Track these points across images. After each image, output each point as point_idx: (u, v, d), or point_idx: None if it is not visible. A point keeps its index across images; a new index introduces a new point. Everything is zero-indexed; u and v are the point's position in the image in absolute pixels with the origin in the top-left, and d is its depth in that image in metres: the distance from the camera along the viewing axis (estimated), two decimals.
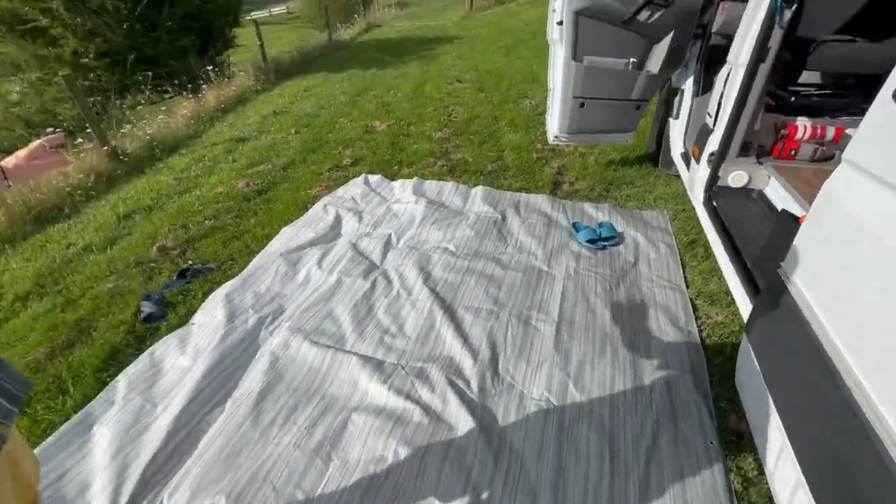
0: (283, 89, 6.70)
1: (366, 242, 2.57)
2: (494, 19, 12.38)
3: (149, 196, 3.37)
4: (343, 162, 3.71)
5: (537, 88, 5.30)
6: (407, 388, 1.64)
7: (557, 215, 2.75)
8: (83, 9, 6.26)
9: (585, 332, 1.88)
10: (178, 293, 2.23)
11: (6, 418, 0.67)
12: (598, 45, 2.57)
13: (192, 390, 1.67)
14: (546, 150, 3.68)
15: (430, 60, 7.94)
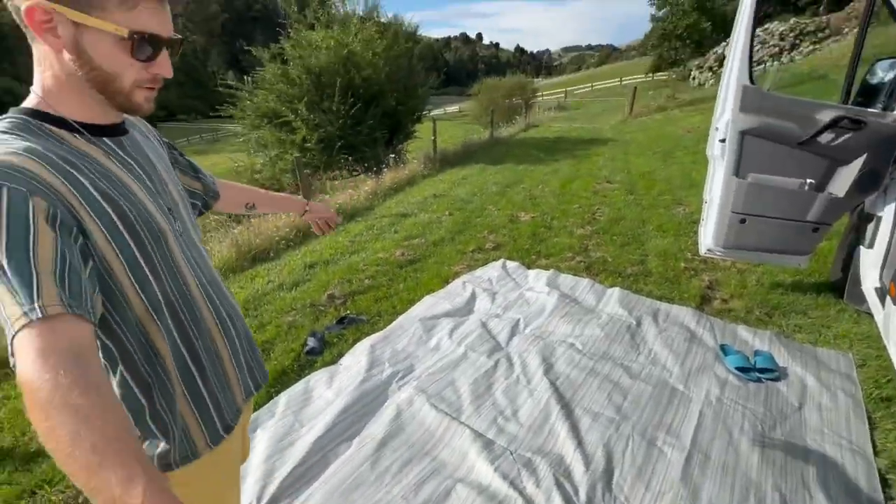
0: (444, 176, 7.72)
1: (495, 323, 2.73)
2: (653, 125, 12.44)
3: (328, 252, 4.16)
4: (486, 245, 4.06)
5: (693, 196, 5.09)
6: (513, 475, 1.65)
7: (703, 333, 2.53)
8: (317, 109, 8.41)
9: (723, 471, 1.65)
10: (335, 335, 2.67)
11: (247, 398, 0.95)
12: (767, 164, 2.48)
13: (330, 422, 1.96)
14: (696, 260, 3.46)
15: (582, 160, 8.30)
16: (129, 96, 0.69)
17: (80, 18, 0.60)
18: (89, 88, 0.67)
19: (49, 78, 0.66)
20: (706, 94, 16.04)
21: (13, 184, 0.56)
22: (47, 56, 0.65)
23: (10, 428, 2.02)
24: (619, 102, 23.01)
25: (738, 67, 2.40)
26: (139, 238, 0.70)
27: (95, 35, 0.62)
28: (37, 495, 1.66)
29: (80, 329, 0.56)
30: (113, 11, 0.61)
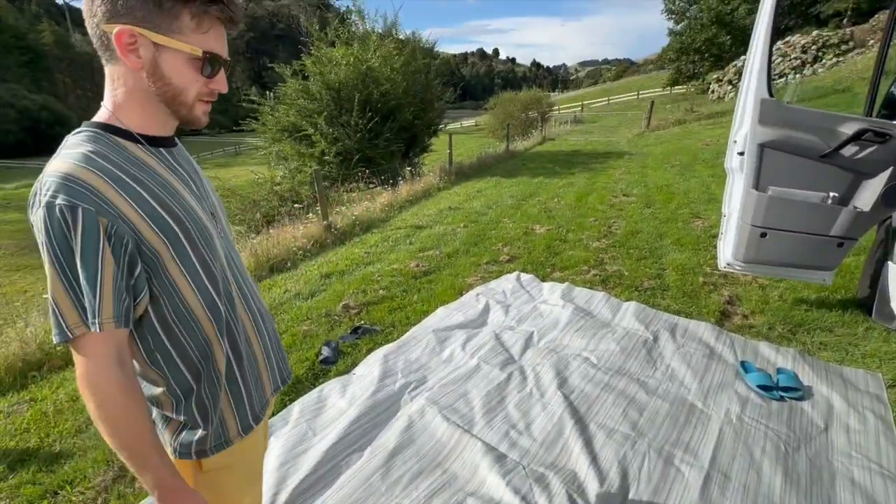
0: (460, 188, 7.77)
1: (508, 335, 2.71)
2: (671, 138, 12.33)
3: (344, 262, 4.21)
4: (500, 258, 4.06)
5: (712, 210, 5.01)
6: (524, 491, 1.62)
7: (722, 349, 2.47)
8: (336, 123, 8.60)
9: (744, 493, 1.59)
10: (349, 345, 2.69)
11: (275, 392, 0.99)
12: (786, 177, 2.43)
13: (343, 431, 1.96)
14: (716, 275, 3.39)
15: (598, 173, 8.26)
16: (191, 109, 0.77)
17: (162, 41, 0.70)
18: (157, 102, 0.75)
19: (121, 94, 0.74)
20: (726, 108, 15.85)
21: (86, 203, 0.65)
22: (123, 74, 0.73)
23: (35, 430, 2.08)
24: (636, 116, 22.91)
25: (756, 80, 2.38)
26: (193, 241, 0.78)
27: (172, 55, 0.71)
28: (59, 495, 1.70)
29: (122, 337, 0.71)
30: (189, 35, 0.71)
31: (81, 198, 0.65)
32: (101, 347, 0.68)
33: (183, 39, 0.71)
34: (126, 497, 1.68)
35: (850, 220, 2.35)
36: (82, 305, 0.66)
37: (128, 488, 1.72)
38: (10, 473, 1.82)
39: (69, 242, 0.65)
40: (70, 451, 1.93)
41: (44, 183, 0.66)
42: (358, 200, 6.90)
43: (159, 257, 0.73)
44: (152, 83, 0.72)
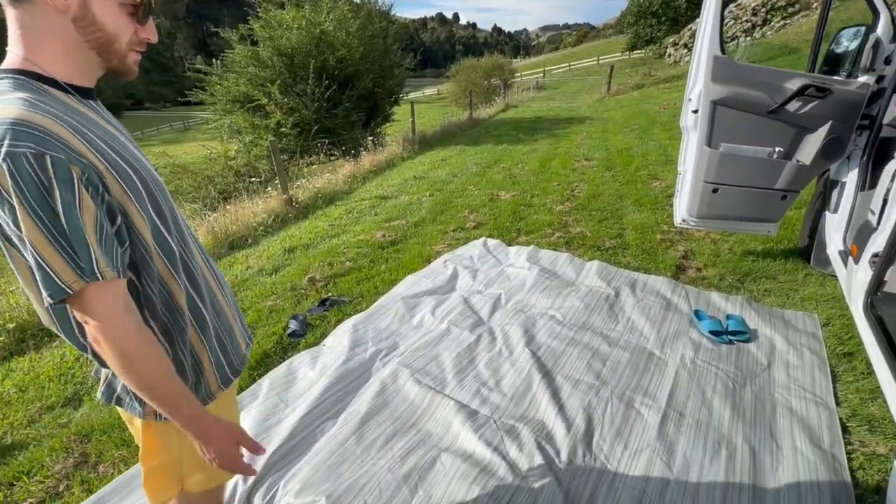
0: (424, 158, 7.64)
1: (477, 299, 2.75)
2: (630, 102, 12.53)
3: (308, 236, 4.10)
4: (467, 224, 4.07)
5: (669, 171, 5.18)
6: (496, 442, 1.69)
7: (678, 300, 2.61)
8: (292, 92, 8.18)
9: (697, 428, 1.72)
10: (318, 318, 2.66)
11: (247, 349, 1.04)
12: (737, 133, 2.53)
13: (315, 400, 1.96)
14: (672, 232, 3.54)
15: (561, 139, 8.32)
16: (123, 58, 0.74)
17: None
18: (87, 50, 0.71)
19: (39, 40, 0.67)
20: (681, 71, 16.19)
21: (53, 151, 0.61)
22: (44, 17, 0.66)
23: None
24: (596, 81, 23.05)
25: (709, 38, 2.42)
26: (152, 194, 0.76)
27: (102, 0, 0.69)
28: (14, 486, 1.62)
29: (122, 286, 0.70)
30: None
31: (47, 145, 0.60)
32: (108, 298, 0.67)
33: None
34: (90, 482, 1.63)
35: (794, 173, 2.48)
36: (75, 260, 0.63)
37: (91, 473, 1.67)
38: None
39: (45, 196, 0.60)
40: (23, 441, 1.84)
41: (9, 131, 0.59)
42: (319, 173, 6.67)
43: (123, 209, 0.71)
44: (82, 28, 0.68)
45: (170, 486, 0.91)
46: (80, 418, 1.95)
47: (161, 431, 0.85)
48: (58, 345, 2.59)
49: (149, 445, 0.87)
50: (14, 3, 0.66)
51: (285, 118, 8.17)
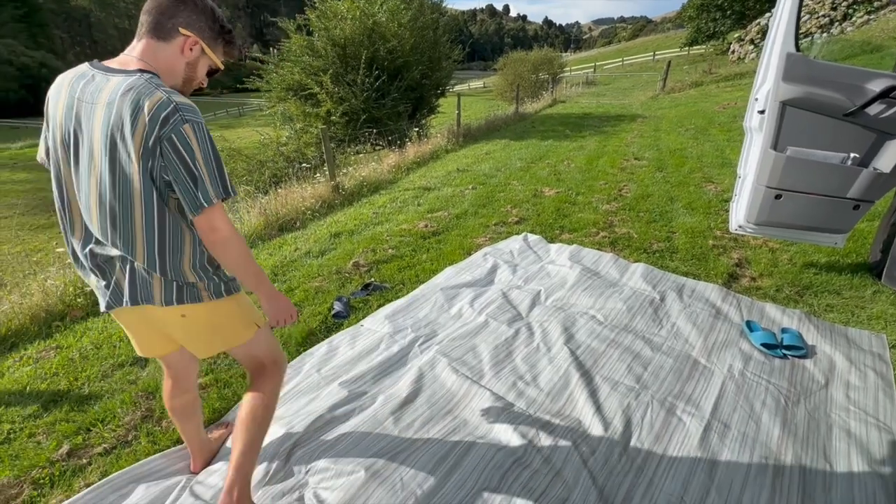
0: (468, 151, 7.64)
1: (516, 294, 2.75)
2: (686, 100, 11.93)
3: (353, 222, 4.23)
4: (509, 219, 4.05)
5: (726, 174, 4.92)
6: (531, 435, 1.70)
7: (728, 309, 2.50)
8: (342, 82, 8.38)
9: (742, 441, 1.66)
10: (360, 301, 2.75)
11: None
12: (807, 137, 2.37)
13: (355, 378, 2.04)
14: (726, 238, 3.38)
15: (610, 136, 8.07)
16: (189, 89, 1.18)
17: (209, 53, 1.15)
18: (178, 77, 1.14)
19: (162, 61, 1.09)
20: (746, 69, 15.21)
21: (200, 118, 1.03)
22: (172, 52, 1.10)
23: (63, 374, 2.18)
24: (650, 78, 22.10)
25: (783, 33, 2.28)
26: None
27: (205, 61, 1.17)
28: (91, 432, 1.81)
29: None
30: (218, 54, 1.18)
31: (200, 117, 1.04)
32: (224, 209, 1.07)
33: (214, 54, 1.17)
34: (155, 434, 1.78)
35: (869, 182, 2.31)
36: (224, 183, 1.05)
37: (155, 427, 1.83)
38: (44, 412, 1.93)
39: (209, 146, 1.03)
40: (98, 393, 2.04)
41: (178, 107, 0.99)
42: (365, 162, 6.83)
43: None
44: (187, 68, 1.14)
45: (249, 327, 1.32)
46: (146, 377, 2.13)
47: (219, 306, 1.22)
48: None
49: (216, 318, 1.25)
50: (157, 38, 1.08)
51: (335, 107, 8.39)
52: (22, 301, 2.80)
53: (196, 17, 1.09)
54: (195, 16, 1.09)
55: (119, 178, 1.01)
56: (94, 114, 1.00)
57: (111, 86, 0.99)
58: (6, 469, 1.64)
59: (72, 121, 1.03)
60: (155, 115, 0.96)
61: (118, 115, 0.97)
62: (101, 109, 0.99)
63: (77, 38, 57.12)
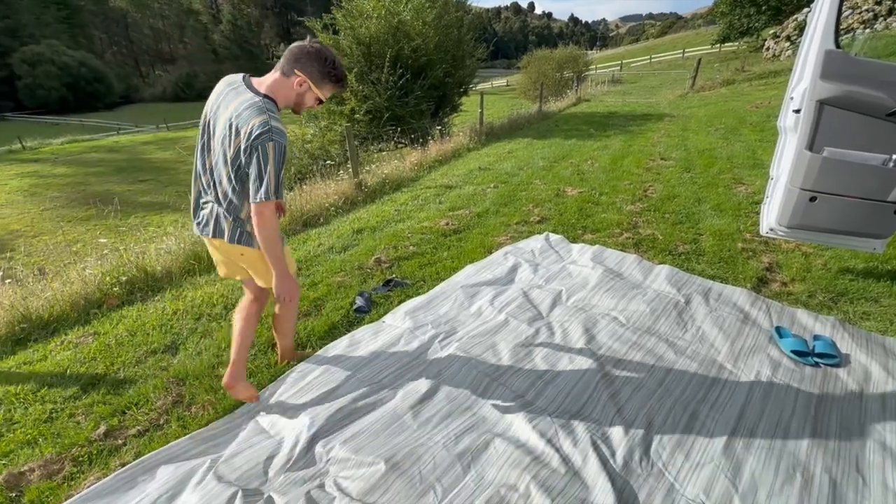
0: (490, 149, 7.62)
1: (536, 293, 2.74)
2: (717, 99, 11.58)
3: (375, 219, 4.28)
4: (530, 218, 4.03)
5: (757, 176, 4.76)
6: (550, 434, 1.70)
7: (757, 314, 2.43)
8: (367, 80, 8.47)
9: (769, 450, 1.62)
10: (382, 297, 2.79)
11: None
12: (845, 137, 2.28)
13: (375, 372, 2.08)
14: (756, 242, 3.28)
15: (636, 136, 7.92)
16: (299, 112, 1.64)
17: (315, 89, 1.55)
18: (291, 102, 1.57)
19: (279, 90, 1.54)
20: (781, 67, 14.67)
21: (285, 143, 1.45)
22: (284, 82, 1.53)
23: (101, 359, 2.30)
24: (679, 76, 21.53)
25: (822, 29, 2.19)
26: None
27: (312, 94, 1.56)
28: (126, 414, 1.90)
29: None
30: (324, 90, 1.57)
31: (285, 140, 1.46)
32: (272, 207, 1.49)
33: (321, 91, 1.57)
34: (185, 419, 1.86)
35: None
36: (278, 188, 1.47)
37: (185, 412, 1.90)
38: (83, 394, 2.04)
39: (278, 163, 1.44)
40: (132, 378, 2.13)
41: (269, 129, 1.41)
42: (387, 159, 6.89)
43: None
44: (294, 98, 1.56)
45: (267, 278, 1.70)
46: (177, 364, 2.22)
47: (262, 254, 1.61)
48: (159, 299, 2.94)
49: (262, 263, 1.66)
50: (282, 74, 1.53)
51: (359, 105, 8.50)
52: (63, 289, 2.95)
53: (310, 63, 1.52)
54: (310, 63, 1.52)
55: (224, 157, 1.51)
56: (224, 112, 1.49)
57: (242, 98, 1.47)
58: (49, 446, 1.74)
59: (212, 111, 1.55)
60: (254, 130, 1.41)
61: (236, 120, 1.45)
62: (229, 111, 1.48)
63: (114, 37, 59.40)
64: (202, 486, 1.55)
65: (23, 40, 42.16)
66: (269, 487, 1.55)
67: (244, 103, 1.45)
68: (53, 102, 40.61)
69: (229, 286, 3.01)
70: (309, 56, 1.51)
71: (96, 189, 13.24)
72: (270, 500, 1.50)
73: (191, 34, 62.21)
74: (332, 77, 1.55)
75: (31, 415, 1.92)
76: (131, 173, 15.53)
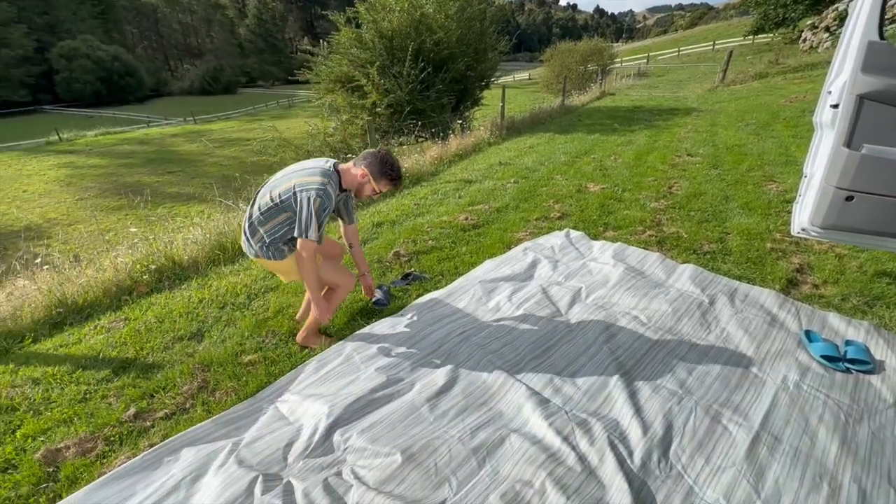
0: (510, 144, 7.56)
1: (555, 290, 2.72)
2: (748, 93, 11.17)
3: (394, 213, 4.31)
4: (551, 214, 3.99)
5: (789, 173, 4.59)
6: (567, 432, 1.69)
7: (785, 317, 2.35)
8: (388, 74, 8.49)
9: (795, 456, 1.57)
10: (400, 290, 2.81)
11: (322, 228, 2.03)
12: (887, 134, 2.17)
13: (393, 364, 2.10)
14: (787, 242, 3.17)
15: (661, 131, 7.72)
16: (360, 196, 2.12)
17: (373, 181, 2.03)
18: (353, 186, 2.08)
19: (349, 174, 2.03)
20: (818, 59, 14.04)
21: (328, 203, 1.93)
22: (354, 172, 2.03)
23: (131, 343, 2.39)
24: (709, 69, 20.86)
25: (864, 19, 2.09)
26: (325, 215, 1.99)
27: (371, 185, 2.04)
28: (154, 398, 1.97)
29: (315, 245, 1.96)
30: (380, 185, 2.05)
31: (328, 199, 1.92)
32: (312, 246, 1.93)
33: (377, 183, 2.02)
34: (209, 404, 1.92)
35: None
36: (317, 230, 1.90)
37: (210, 397, 1.97)
38: (114, 377, 2.12)
39: (318, 211, 1.89)
40: (160, 363, 2.21)
41: (318, 188, 1.89)
42: (407, 153, 6.90)
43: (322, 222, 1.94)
44: (357, 184, 2.04)
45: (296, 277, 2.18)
46: (202, 351, 2.29)
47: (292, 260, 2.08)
48: (186, 287, 3.04)
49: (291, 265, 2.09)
50: (355, 165, 2.03)
51: (381, 98, 8.53)
52: (96, 275, 3.07)
53: (373, 163, 1.99)
54: (373, 163, 1.99)
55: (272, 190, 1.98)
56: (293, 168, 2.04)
57: (311, 162, 2.04)
58: (83, 425, 1.83)
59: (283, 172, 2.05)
60: (306, 183, 1.90)
61: (299, 173, 1.96)
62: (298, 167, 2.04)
63: (145, 32, 61.08)
64: (224, 469, 1.60)
65: (60, 35, 43.74)
66: (288, 473, 1.59)
67: (314, 166, 1.98)
68: (88, 96, 42.09)
69: (253, 276, 3.08)
70: (374, 157, 1.99)
71: (127, 180, 13.70)
72: (289, 485, 1.54)
73: (217, 28, 63.39)
74: (388, 176, 2.01)
75: (67, 395, 2.02)
76: (160, 165, 16.00)
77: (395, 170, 2.00)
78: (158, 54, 61.82)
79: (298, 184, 1.89)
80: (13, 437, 1.80)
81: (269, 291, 2.88)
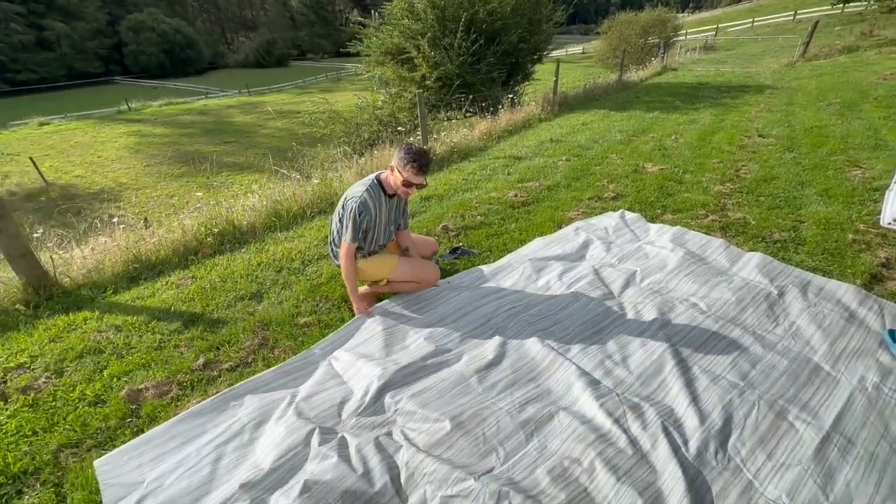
0: (563, 120, 7.27)
1: (608, 272, 2.63)
2: (833, 69, 10.08)
3: (443, 187, 4.29)
4: (604, 194, 3.83)
5: (878, 159, 4.14)
6: (618, 414, 1.66)
7: (866, 314, 2.16)
8: (439, 45, 8.33)
9: (869, 461, 1.46)
10: (448, 264, 2.83)
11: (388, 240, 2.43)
12: None
13: (442, 335, 2.13)
14: (872, 233, 2.88)
15: (729, 109, 7.16)
16: (395, 192, 2.23)
17: (398, 171, 2.12)
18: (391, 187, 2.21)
19: (386, 180, 2.22)
20: None
21: (366, 213, 2.17)
22: (390, 175, 2.19)
23: (198, 300, 2.56)
24: (788, 42, 19.00)
25: None
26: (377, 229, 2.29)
27: (399, 174, 2.12)
28: (220, 350, 2.12)
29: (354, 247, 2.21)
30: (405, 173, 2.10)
31: (367, 210, 2.17)
32: (352, 248, 2.18)
33: (403, 171, 2.10)
34: (269, 360, 2.04)
35: None
36: (353, 235, 2.15)
37: (269, 353, 2.09)
38: (184, 329, 2.30)
39: (359, 219, 2.14)
40: (225, 319, 2.36)
41: (362, 198, 2.14)
42: (456, 127, 6.82)
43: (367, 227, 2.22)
44: (393, 182, 2.16)
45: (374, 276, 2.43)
46: (262, 310, 2.42)
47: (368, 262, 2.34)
48: (245, 251, 3.20)
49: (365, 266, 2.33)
50: (391, 168, 2.17)
51: (430, 71, 8.40)
52: (166, 236, 3.29)
53: (399, 157, 2.09)
54: (399, 156, 2.09)
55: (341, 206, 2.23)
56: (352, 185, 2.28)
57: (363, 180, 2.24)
58: (160, 371, 2.00)
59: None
60: (351, 194, 2.17)
61: (351, 188, 2.22)
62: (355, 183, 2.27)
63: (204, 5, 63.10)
64: (285, 419, 1.70)
65: (128, 9, 46.05)
66: (342, 428, 1.68)
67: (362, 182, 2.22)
68: (153, 67, 44.36)
69: (307, 243, 3.20)
70: (400, 148, 2.11)
71: (188, 149, 14.48)
72: (344, 440, 1.62)
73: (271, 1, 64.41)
74: (409, 165, 2.05)
75: (145, 342, 2.21)
76: (217, 135, 16.75)
77: (413, 151, 2.05)
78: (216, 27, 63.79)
79: (347, 195, 2.18)
80: (101, 376, 1.99)
81: (323, 259, 2.98)
